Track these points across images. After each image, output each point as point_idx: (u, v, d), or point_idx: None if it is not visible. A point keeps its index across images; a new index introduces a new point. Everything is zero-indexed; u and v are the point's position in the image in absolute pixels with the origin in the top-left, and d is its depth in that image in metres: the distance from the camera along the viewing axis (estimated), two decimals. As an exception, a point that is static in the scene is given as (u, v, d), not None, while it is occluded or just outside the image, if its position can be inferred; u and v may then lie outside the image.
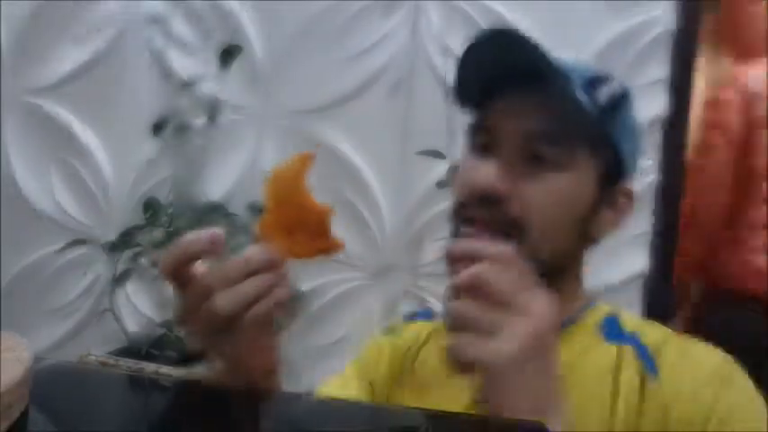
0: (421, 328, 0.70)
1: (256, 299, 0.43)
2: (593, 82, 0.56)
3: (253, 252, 0.44)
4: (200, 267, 0.45)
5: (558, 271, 0.58)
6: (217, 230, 0.43)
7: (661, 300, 1.34)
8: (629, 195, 0.62)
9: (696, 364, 0.55)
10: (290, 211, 0.43)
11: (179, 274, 0.44)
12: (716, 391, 0.53)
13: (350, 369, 0.69)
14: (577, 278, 0.63)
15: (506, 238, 0.53)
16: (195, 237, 0.43)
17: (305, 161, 0.43)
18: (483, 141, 0.59)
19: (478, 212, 0.55)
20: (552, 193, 0.55)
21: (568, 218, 0.57)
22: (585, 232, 0.59)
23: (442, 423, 0.36)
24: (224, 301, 0.42)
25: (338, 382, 0.68)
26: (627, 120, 0.60)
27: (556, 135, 0.55)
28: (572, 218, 0.57)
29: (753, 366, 0.57)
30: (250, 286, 0.43)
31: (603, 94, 0.56)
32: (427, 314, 0.73)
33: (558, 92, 0.54)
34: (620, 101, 0.58)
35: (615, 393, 0.55)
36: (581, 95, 0.53)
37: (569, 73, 0.55)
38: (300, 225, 0.43)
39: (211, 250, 0.43)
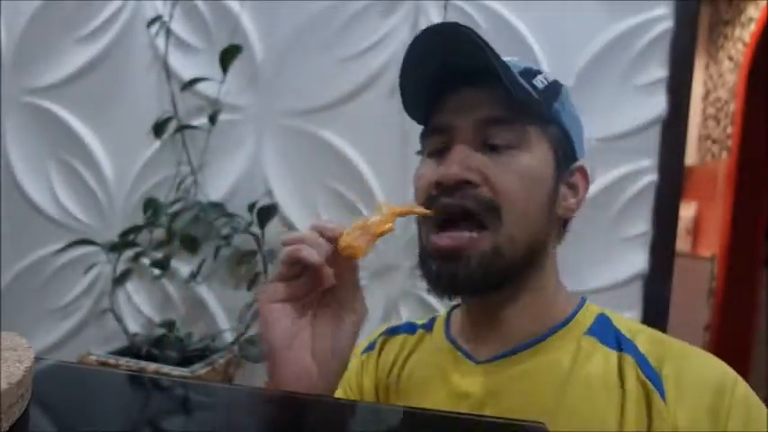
0: (404, 340, 0.72)
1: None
2: (527, 73, 0.61)
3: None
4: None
5: (537, 258, 0.61)
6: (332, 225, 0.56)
7: (661, 300, 1.33)
8: (585, 175, 0.66)
9: (701, 381, 0.56)
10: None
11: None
12: (725, 410, 0.54)
13: None
14: (556, 272, 0.65)
15: (484, 223, 0.57)
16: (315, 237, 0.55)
17: None
18: (439, 144, 0.62)
19: (450, 205, 0.58)
20: (514, 172, 0.58)
21: (536, 195, 0.60)
22: (551, 211, 0.62)
23: (441, 423, 0.37)
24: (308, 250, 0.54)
25: None
26: (568, 106, 0.64)
27: (506, 119, 0.59)
28: (540, 195, 0.60)
29: None
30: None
31: (539, 81, 0.62)
32: (409, 328, 0.75)
33: (504, 81, 0.56)
34: (556, 87, 0.63)
35: (623, 405, 0.55)
36: (523, 82, 0.57)
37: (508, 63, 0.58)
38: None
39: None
